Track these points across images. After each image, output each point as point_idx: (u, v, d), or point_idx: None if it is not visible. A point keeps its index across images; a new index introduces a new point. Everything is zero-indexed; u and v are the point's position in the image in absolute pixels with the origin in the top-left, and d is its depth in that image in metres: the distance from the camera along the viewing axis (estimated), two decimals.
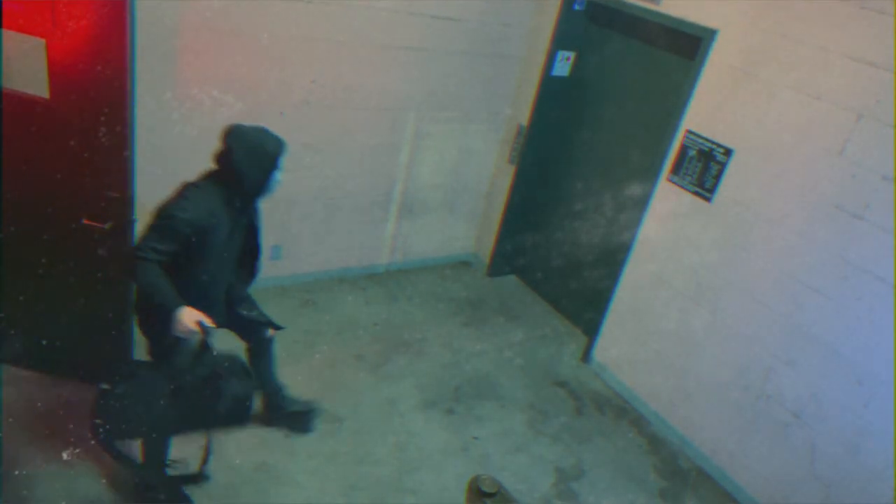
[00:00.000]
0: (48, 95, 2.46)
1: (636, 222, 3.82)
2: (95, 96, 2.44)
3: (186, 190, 2.30)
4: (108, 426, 2.33)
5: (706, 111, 3.44)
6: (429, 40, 3.93)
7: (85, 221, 2.65)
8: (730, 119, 3.33)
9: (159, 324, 2.29)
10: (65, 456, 2.76)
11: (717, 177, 3.39)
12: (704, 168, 3.45)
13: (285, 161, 3.79)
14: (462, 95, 4.26)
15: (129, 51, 2.38)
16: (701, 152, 3.46)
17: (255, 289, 4.09)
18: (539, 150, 4.56)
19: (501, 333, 4.33)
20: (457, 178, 4.62)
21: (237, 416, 2.53)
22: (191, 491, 2.73)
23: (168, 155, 3.41)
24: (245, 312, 2.78)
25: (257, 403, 3.01)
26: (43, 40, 2.37)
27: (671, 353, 3.70)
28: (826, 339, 3.04)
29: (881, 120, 2.77)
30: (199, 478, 2.72)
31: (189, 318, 2.19)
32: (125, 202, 2.64)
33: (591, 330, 4.16)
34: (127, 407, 2.32)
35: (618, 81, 4.14)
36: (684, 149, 3.53)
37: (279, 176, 2.54)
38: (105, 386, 2.32)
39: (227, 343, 2.80)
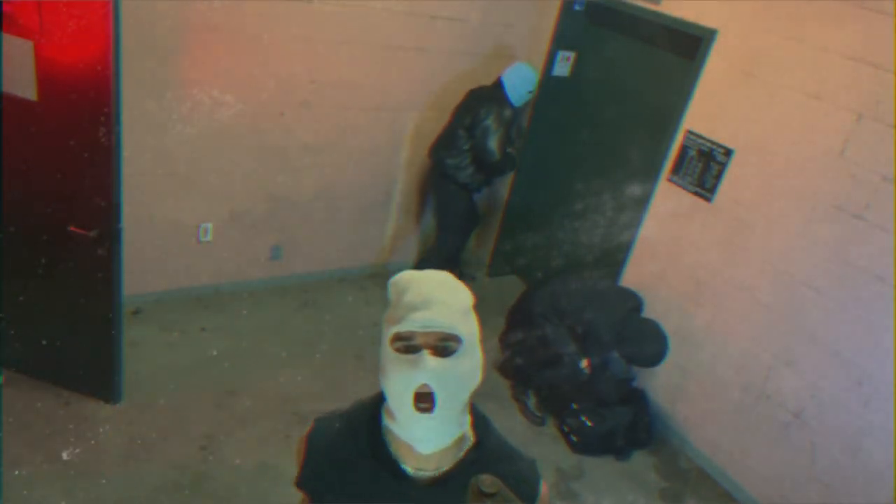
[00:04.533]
0: (36, 97, 2.44)
1: (636, 222, 3.82)
2: (80, 99, 2.41)
3: None
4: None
5: (706, 111, 3.44)
6: (429, 40, 3.93)
7: (71, 228, 2.60)
8: (730, 119, 3.33)
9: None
10: (65, 456, 2.76)
11: (718, 177, 3.39)
12: (704, 168, 3.44)
13: (285, 161, 3.81)
14: (462, 95, 4.25)
15: (115, 54, 2.34)
16: (701, 152, 3.46)
17: (256, 289, 4.10)
18: (539, 150, 4.56)
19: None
20: None
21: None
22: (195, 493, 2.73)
23: (168, 156, 3.42)
24: None
25: None
26: (31, 42, 2.35)
27: (671, 352, 3.69)
28: (826, 339, 3.04)
29: (881, 120, 2.77)
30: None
31: None
32: (111, 209, 2.58)
33: None
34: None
35: (618, 81, 4.14)
36: (684, 149, 3.53)
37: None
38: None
39: None
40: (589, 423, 3.48)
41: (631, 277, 3.90)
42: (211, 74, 3.32)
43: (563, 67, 4.32)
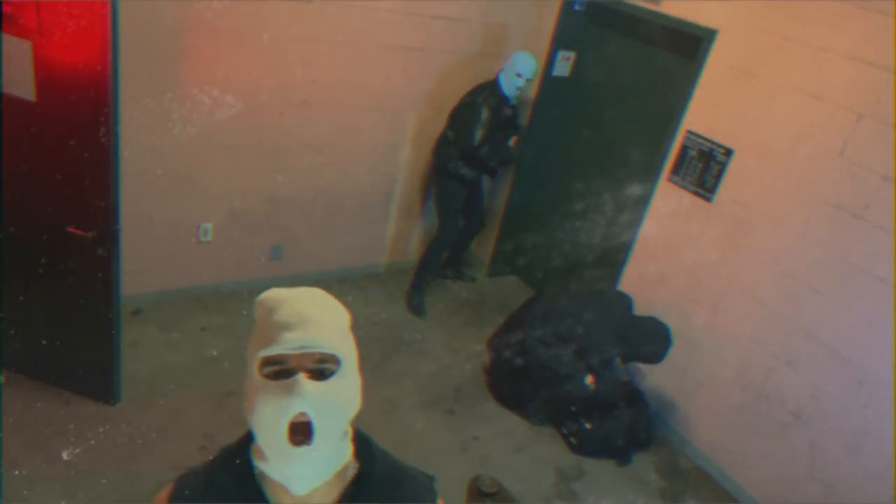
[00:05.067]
0: (35, 98, 2.44)
1: (636, 222, 3.82)
2: (80, 100, 2.40)
3: None
4: None
5: (706, 111, 3.44)
6: (429, 40, 3.93)
7: (70, 229, 2.59)
8: (730, 119, 3.33)
9: None
10: (65, 456, 2.76)
11: (718, 177, 3.39)
12: (705, 168, 3.45)
13: (285, 161, 3.81)
14: (462, 95, 4.25)
15: (113, 54, 2.33)
16: (701, 152, 3.46)
17: (256, 289, 4.10)
18: (539, 150, 4.56)
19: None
20: None
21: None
22: None
23: (168, 156, 3.42)
24: None
25: None
26: (30, 42, 2.35)
27: (671, 352, 3.69)
28: (826, 339, 3.04)
29: (881, 120, 2.77)
30: None
31: None
32: (109, 210, 2.57)
33: None
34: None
35: (618, 81, 4.14)
36: (684, 149, 3.53)
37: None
38: None
39: None
40: (588, 426, 3.48)
41: (631, 277, 3.90)
42: (211, 74, 3.32)
43: (563, 67, 4.32)
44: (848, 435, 2.99)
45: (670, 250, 3.67)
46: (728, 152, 3.34)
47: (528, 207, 4.74)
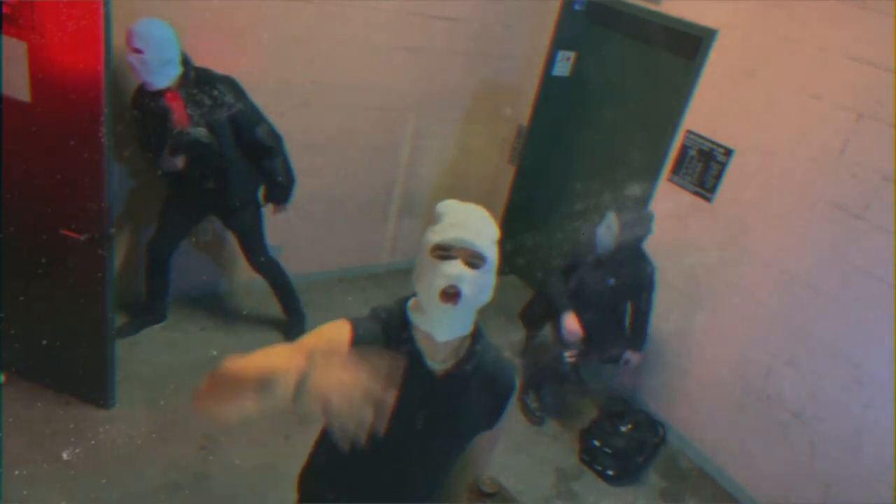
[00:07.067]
0: (30, 99, 2.42)
1: None
2: (74, 101, 2.39)
3: None
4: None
5: (706, 111, 3.44)
6: (429, 40, 3.93)
7: (63, 232, 2.57)
8: (730, 119, 3.33)
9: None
10: (65, 456, 2.76)
11: (718, 177, 3.39)
12: (705, 168, 3.45)
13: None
14: (462, 95, 4.26)
15: (106, 55, 2.31)
16: (701, 152, 3.46)
17: (256, 289, 4.10)
18: (539, 150, 4.56)
19: (501, 333, 4.33)
20: (457, 178, 4.62)
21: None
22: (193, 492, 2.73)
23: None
24: None
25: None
26: (24, 42, 2.34)
27: (671, 353, 3.70)
28: (826, 339, 3.04)
29: (881, 120, 2.77)
30: None
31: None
32: (101, 213, 2.54)
33: None
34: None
35: (618, 81, 4.14)
36: (684, 149, 3.53)
37: None
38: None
39: None
40: (611, 473, 3.38)
41: None
42: None
43: (563, 67, 4.32)
44: (848, 435, 2.99)
45: (670, 250, 3.67)
46: (728, 152, 3.34)
47: (528, 207, 4.74)
